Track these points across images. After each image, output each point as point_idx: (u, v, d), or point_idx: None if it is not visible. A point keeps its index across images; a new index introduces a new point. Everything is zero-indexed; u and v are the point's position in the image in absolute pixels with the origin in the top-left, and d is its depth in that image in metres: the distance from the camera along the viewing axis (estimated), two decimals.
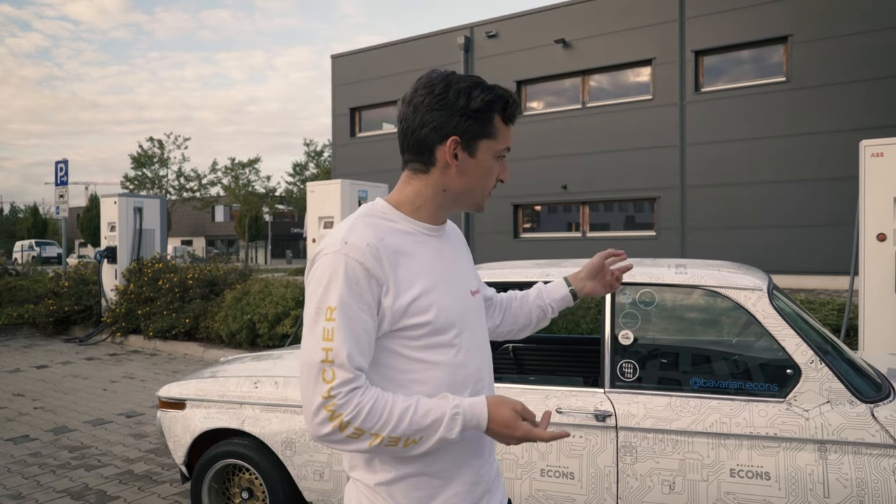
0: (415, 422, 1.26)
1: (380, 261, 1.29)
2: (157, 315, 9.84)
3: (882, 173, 4.75)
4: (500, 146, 1.40)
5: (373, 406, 1.25)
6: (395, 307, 1.29)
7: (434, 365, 1.35)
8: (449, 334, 1.36)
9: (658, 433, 2.61)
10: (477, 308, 1.49)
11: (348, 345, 1.25)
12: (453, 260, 1.46)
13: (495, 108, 1.37)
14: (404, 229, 1.38)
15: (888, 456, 2.33)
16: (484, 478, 1.45)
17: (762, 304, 2.62)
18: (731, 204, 15.66)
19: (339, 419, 1.23)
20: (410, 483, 1.36)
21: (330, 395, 1.23)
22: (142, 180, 46.04)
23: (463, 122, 1.35)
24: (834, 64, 14.51)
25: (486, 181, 1.42)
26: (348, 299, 1.26)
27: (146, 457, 4.85)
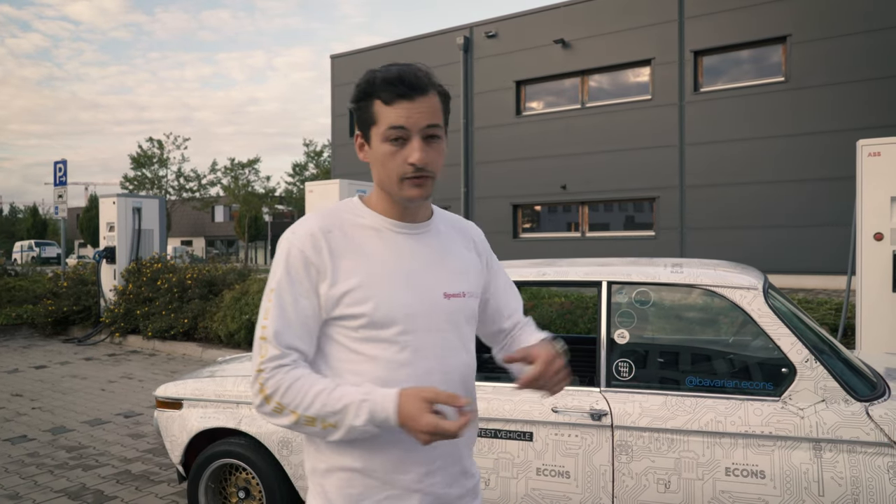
0: (327, 404, 1.28)
1: (319, 250, 1.34)
2: (156, 315, 9.84)
3: (879, 173, 4.75)
4: (382, 128, 1.33)
5: (292, 384, 1.30)
6: (329, 294, 1.33)
7: (371, 358, 1.35)
8: (389, 330, 1.35)
9: (653, 432, 2.61)
10: (450, 311, 1.42)
11: (277, 323, 1.33)
12: (428, 259, 1.42)
13: (368, 93, 1.35)
14: (369, 224, 1.41)
15: (883, 454, 2.33)
16: (430, 489, 1.39)
17: (757, 303, 2.63)
18: (730, 204, 15.67)
19: (264, 392, 1.30)
20: (342, 478, 1.37)
21: (260, 370, 1.32)
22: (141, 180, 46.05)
23: (357, 118, 1.40)
24: (833, 64, 14.52)
25: (386, 169, 1.35)
26: (284, 283, 1.34)
27: (144, 457, 4.85)
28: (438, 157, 1.38)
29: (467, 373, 1.46)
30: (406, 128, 1.32)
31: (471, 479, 1.48)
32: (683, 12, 16.44)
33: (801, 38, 14.94)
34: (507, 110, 19.26)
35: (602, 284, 2.88)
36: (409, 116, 1.31)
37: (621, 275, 2.88)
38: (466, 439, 1.47)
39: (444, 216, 1.55)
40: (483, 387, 2.93)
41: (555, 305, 6.90)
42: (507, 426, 2.82)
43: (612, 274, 2.90)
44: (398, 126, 1.31)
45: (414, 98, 1.32)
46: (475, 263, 1.53)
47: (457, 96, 20.00)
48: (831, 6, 14.57)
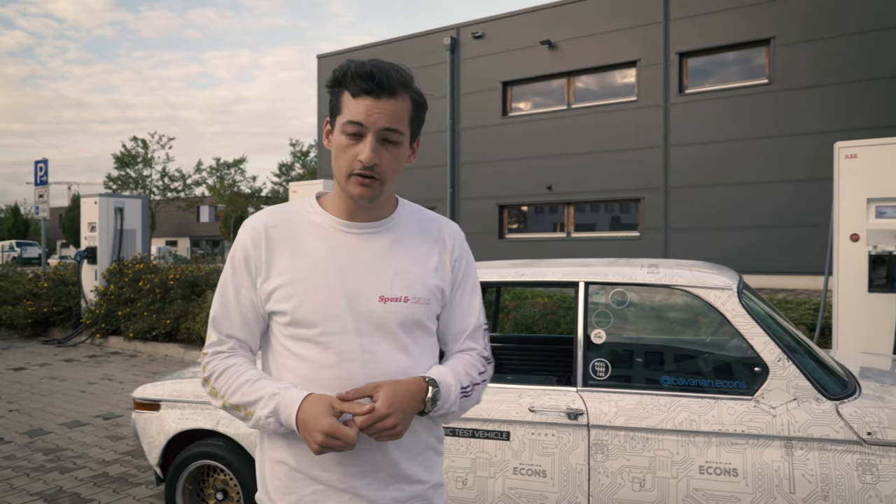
0: (247, 394, 1.35)
1: (258, 245, 1.39)
2: (138, 316, 9.77)
3: (856, 175, 4.80)
4: (343, 119, 1.32)
5: (224, 371, 1.39)
6: (262, 288, 1.39)
7: (297, 356, 1.38)
8: (312, 330, 1.35)
9: (629, 431, 2.63)
10: (384, 314, 1.36)
11: (217, 311, 1.43)
12: (369, 260, 1.38)
13: (340, 82, 1.33)
14: (316, 221, 1.42)
15: (852, 452, 2.36)
16: (361, 491, 1.36)
17: (731, 303, 2.65)
18: (713, 205, 15.77)
19: (204, 374, 1.42)
20: (275, 470, 1.41)
21: (204, 353, 1.44)
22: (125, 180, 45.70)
23: (329, 103, 1.40)
24: (814, 66, 14.66)
25: (339, 161, 1.34)
26: (228, 273, 1.43)
27: (122, 459, 4.82)
28: (393, 161, 1.34)
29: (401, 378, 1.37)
30: (363, 125, 1.29)
31: (416, 485, 1.42)
32: (668, 14, 16.54)
33: (784, 41, 15.08)
34: (493, 111, 19.29)
35: (580, 285, 2.90)
36: (368, 114, 1.29)
37: (598, 275, 2.90)
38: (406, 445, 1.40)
39: (417, 217, 1.50)
40: None
41: (537, 305, 6.92)
42: (485, 426, 2.82)
43: (589, 274, 2.91)
44: (356, 122, 1.30)
45: (379, 97, 1.30)
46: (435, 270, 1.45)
47: (443, 97, 20.01)
48: (814, 9, 14.71)
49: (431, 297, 1.43)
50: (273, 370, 1.42)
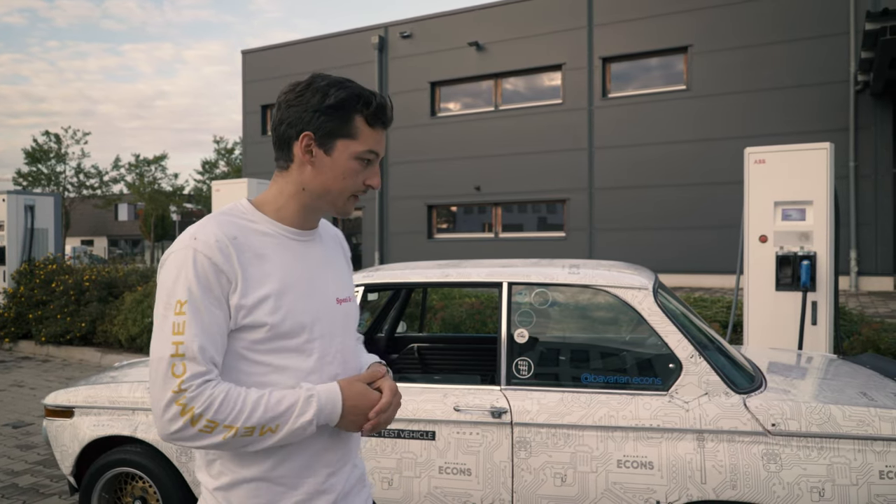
0: (269, 408, 1.26)
1: (228, 257, 1.28)
2: (51, 319, 9.32)
3: (764, 179, 5.06)
4: (361, 148, 1.37)
5: (226, 397, 1.24)
6: (239, 304, 1.28)
7: (278, 369, 1.33)
8: (298, 339, 1.35)
9: (551, 428, 2.70)
10: (343, 316, 1.46)
11: (199, 338, 1.24)
12: (320, 265, 1.45)
13: (352, 106, 1.36)
14: (263, 230, 1.38)
15: (758, 443, 2.50)
16: (334, 487, 1.41)
17: (647, 302, 2.76)
18: (635, 206, 16.29)
19: (190, 413, 1.21)
20: (249, 489, 1.34)
21: (181, 390, 1.21)
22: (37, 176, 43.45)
23: (316, 119, 1.35)
24: (728, 74, 15.33)
25: (344, 182, 1.39)
26: (198, 292, 1.25)
27: (33, 469, 4.60)
28: None
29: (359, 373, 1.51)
30: (377, 154, 1.41)
31: (357, 470, 1.53)
32: (592, 20, 16.97)
33: (700, 49, 15.71)
34: (421, 111, 19.33)
35: (503, 285, 2.95)
36: (381, 144, 1.41)
37: (521, 276, 2.96)
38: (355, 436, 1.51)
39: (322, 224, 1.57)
40: None
41: (465, 305, 6.99)
42: (411, 426, 2.84)
43: (512, 275, 2.97)
44: (374, 151, 1.39)
45: (386, 129, 1.43)
46: (350, 272, 1.59)
47: None
48: (728, 19, 15.39)
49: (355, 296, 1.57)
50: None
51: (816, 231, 4.96)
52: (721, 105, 15.43)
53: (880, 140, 13.88)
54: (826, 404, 2.51)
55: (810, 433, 2.46)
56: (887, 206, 13.83)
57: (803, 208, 5.01)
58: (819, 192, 4.94)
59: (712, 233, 15.20)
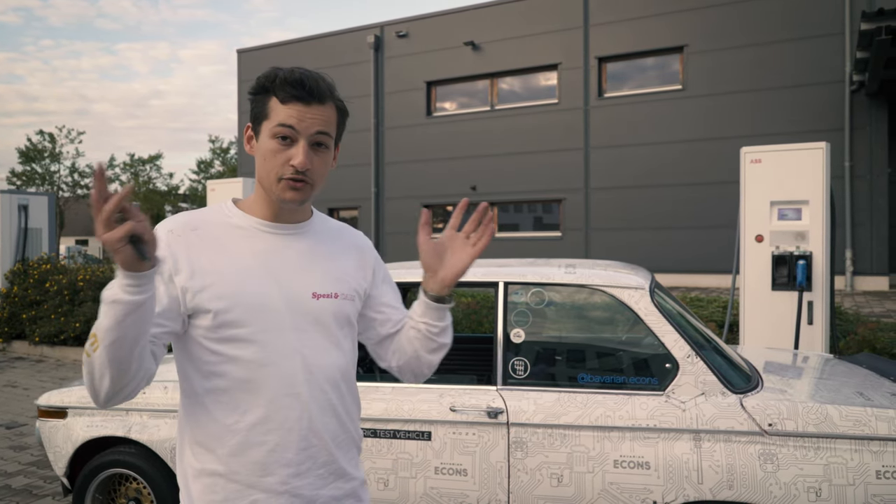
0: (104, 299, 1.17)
1: (171, 246, 1.32)
2: (45, 319, 9.27)
3: (760, 179, 5.06)
4: (273, 123, 1.34)
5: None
6: (185, 286, 1.31)
7: (230, 359, 1.33)
8: (246, 329, 1.33)
9: (547, 428, 2.69)
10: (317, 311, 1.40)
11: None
12: (298, 259, 1.42)
13: (265, 87, 1.36)
14: (236, 223, 1.41)
15: (754, 442, 2.49)
16: (302, 491, 1.36)
17: (644, 302, 2.75)
18: (631, 206, 16.29)
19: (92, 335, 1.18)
20: (206, 483, 1.34)
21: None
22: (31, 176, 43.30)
23: (251, 110, 1.41)
24: (724, 74, 15.35)
25: (267, 164, 1.36)
26: None
27: (27, 470, 4.57)
28: (322, 166, 1.39)
29: (336, 375, 1.42)
30: (296, 129, 1.33)
31: (350, 482, 1.45)
32: (588, 20, 16.97)
33: (696, 49, 15.73)
34: (417, 111, 19.31)
35: (499, 285, 2.94)
36: (301, 119, 1.33)
37: (517, 275, 2.95)
38: (340, 440, 1.43)
39: (328, 223, 1.55)
40: (382, 388, 2.93)
41: (461, 305, 6.98)
42: (406, 426, 2.83)
43: (508, 275, 2.96)
44: (288, 125, 1.33)
45: (310, 103, 1.34)
46: (355, 270, 1.51)
47: (367, 96, 19.88)
48: (724, 19, 15.41)
49: (355, 295, 1.49)
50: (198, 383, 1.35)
51: (812, 231, 4.96)
52: (716, 105, 15.44)
53: (875, 140, 13.91)
54: (823, 404, 2.50)
55: (807, 433, 2.45)
56: (882, 206, 13.86)
57: (799, 208, 5.01)
58: (815, 192, 4.94)
59: (708, 233, 15.22)
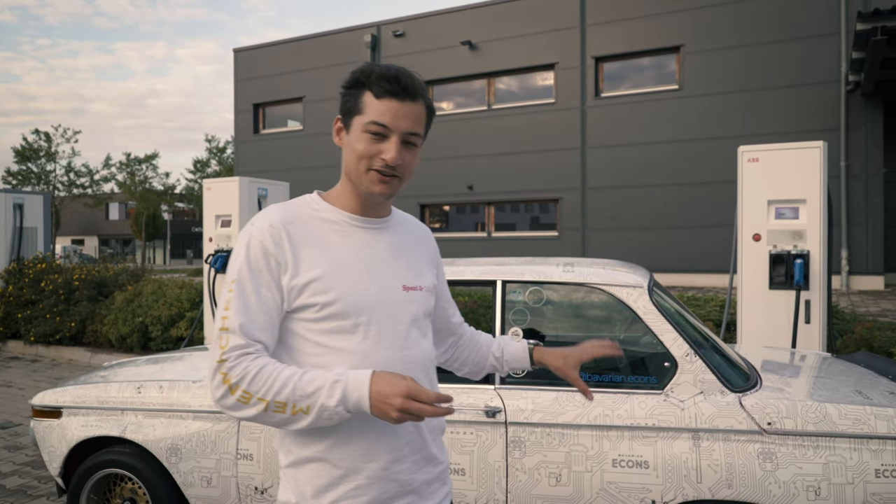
0: (298, 388, 1.29)
1: (279, 241, 1.36)
2: (40, 319, 9.24)
3: (757, 178, 5.06)
4: (365, 119, 1.38)
5: (260, 371, 1.30)
6: (291, 285, 1.36)
7: (335, 350, 1.38)
8: (351, 320, 1.38)
9: (545, 427, 2.68)
10: (407, 303, 1.47)
11: (241, 315, 1.33)
12: (388, 252, 1.48)
13: (360, 81, 1.39)
14: (327, 217, 1.45)
15: (753, 441, 2.48)
16: (399, 476, 1.42)
17: (642, 300, 2.74)
18: (628, 205, 16.30)
19: (228, 382, 1.30)
20: (312, 469, 1.39)
21: (222, 359, 1.31)
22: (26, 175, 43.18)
23: (342, 103, 1.43)
24: (720, 74, 15.37)
25: (357, 156, 1.40)
26: (245, 274, 1.36)
27: (21, 470, 4.54)
28: (411, 162, 1.44)
29: (428, 364, 1.51)
30: (389, 126, 1.37)
31: (438, 466, 1.52)
32: (585, 20, 16.97)
33: (692, 49, 15.74)
34: None
35: (497, 283, 2.93)
36: (394, 116, 1.37)
37: (515, 274, 2.93)
38: (432, 426, 1.50)
39: (403, 217, 1.61)
40: None
41: (458, 304, 6.96)
42: None
43: (506, 273, 2.95)
44: (382, 123, 1.37)
45: (403, 100, 1.38)
46: (429, 264, 1.60)
47: None
48: (720, 19, 15.42)
49: (433, 288, 1.57)
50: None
51: (810, 230, 4.95)
52: (713, 105, 15.46)
53: (871, 140, 13.94)
54: (821, 403, 2.49)
55: (806, 432, 2.44)
56: (878, 206, 13.89)
57: (797, 207, 5.01)
58: (812, 191, 4.94)
59: (705, 232, 15.23)
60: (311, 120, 20.94)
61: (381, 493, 1.39)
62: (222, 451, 2.98)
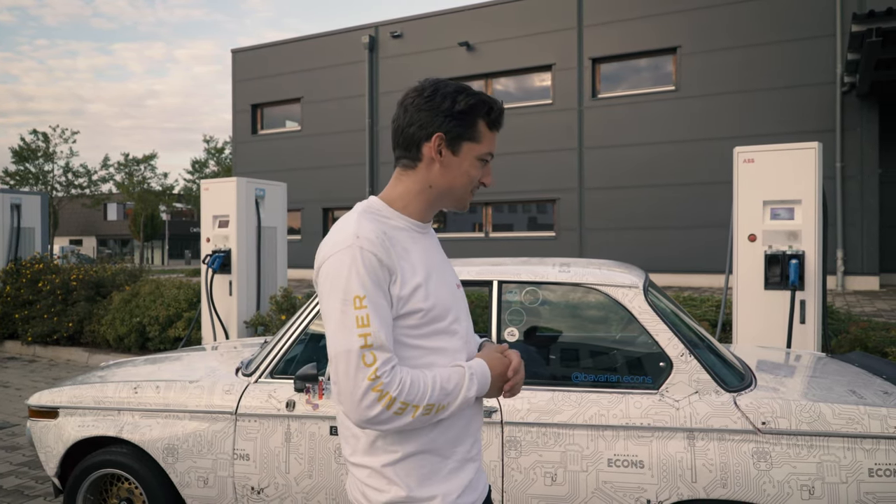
0: (443, 388, 1.40)
1: (388, 252, 1.41)
2: (37, 319, 9.23)
3: (753, 178, 5.07)
4: (483, 150, 1.51)
5: (412, 380, 1.37)
6: (399, 295, 1.41)
7: (435, 350, 1.46)
8: (445, 321, 1.48)
9: (541, 427, 2.69)
10: (462, 299, 1.60)
11: (384, 329, 1.37)
12: (439, 255, 1.58)
13: (479, 112, 1.49)
14: (398, 225, 1.50)
15: (748, 441, 2.49)
16: (476, 456, 1.55)
17: (638, 300, 2.75)
18: (625, 206, 16.32)
19: (387, 397, 1.33)
20: (415, 461, 1.44)
21: (376, 377, 1.33)
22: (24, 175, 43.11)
23: (447, 122, 1.47)
24: (716, 75, 15.39)
25: (467, 180, 1.52)
26: (372, 287, 1.37)
27: (18, 470, 4.54)
28: None
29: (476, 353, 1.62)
30: (493, 155, 1.55)
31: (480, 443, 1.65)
32: (582, 21, 16.99)
33: (689, 50, 15.77)
34: None
35: (493, 284, 2.94)
36: (495, 146, 1.55)
37: (511, 274, 2.95)
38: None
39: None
40: None
41: None
42: None
43: (502, 273, 2.96)
44: (492, 153, 1.54)
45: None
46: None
47: (362, 96, 19.87)
48: (715, 21, 15.45)
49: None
50: None
51: (805, 230, 4.97)
52: (709, 106, 15.49)
53: (866, 141, 13.97)
54: (815, 402, 2.51)
55: (800, 431, 2.46)
56: (873, 207, 13.93)
57: (792, 207, 5.03)
58: (807, 192, 4.96)
59: (701, 232, 15.26)
60: (309, 120, 20.93)
61: (469, 472, 1.50)
62: (219, 452, 2.98)
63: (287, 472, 2.89)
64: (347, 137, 20.15)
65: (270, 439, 2.92)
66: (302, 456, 2.87)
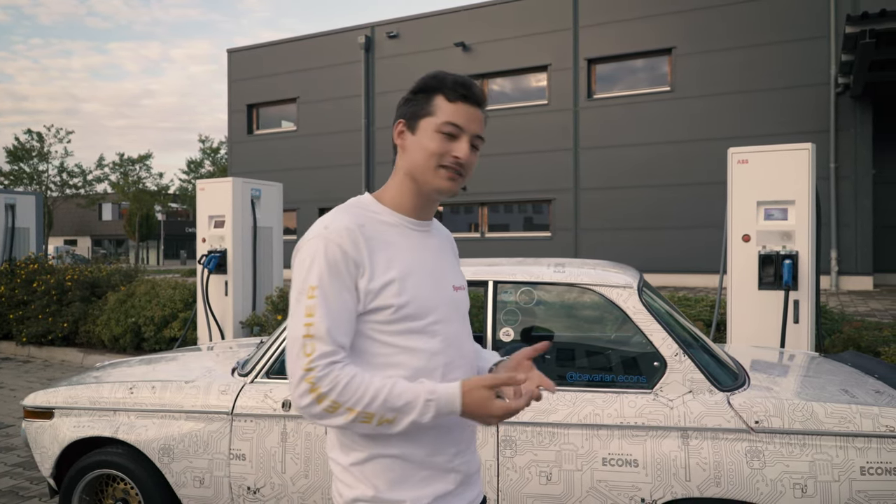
0: (388, 401, 1.33)
1: (357, 244, 1.38)
2: (32, 319, 9.21)
3: (747, 179, 5.10)
4: (439, 120, 1.44)
5: (350, 381, 1.32)
6: (369, 287, 1.38)
7: (407, 350, 1.42)
8: (423, 321, 1.43)
9: (536, 426, 2.70)
10: (459, 302, 1.55)
11: (327, 320, 1.34)
12: (438, 254, 1.55)
13: (430, 87, 1.46)
14: (386, 220, 1.48)
15: (741, 440, 2.51)
16: (460, 468, 1.49)
17: (632, 300, 2.76)
18: (620, 206, 16.36)
19: (317, 391, 1.31)
20: (382, 464, 1.42)
21: (310, 368, 1.32)
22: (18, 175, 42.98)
23: (406, 107, 1.49)
24: (711, 76, 15.44)
25: (427, 154, 1.45)
26: (327, 278, 1.36)
27: (13, 471, 4.54)
28: (475, 162, 1.51)
29: (473, 360, 1.58)
30: (461, 127, 1.45)
31: (475, 456, 1.60)
32: (578, 21, 17.03)
33: (684, 51, 15.81)
34: None
35: (488, 284, 2.95)
36: (466, 119, 1.45)
37: (506, 274, 2.96)
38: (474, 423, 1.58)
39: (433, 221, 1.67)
40: None
41: None
42: None
43: (497, 274, 2.97)
44: (455, 123, 1.44)
45: (473, 105, 1.46)
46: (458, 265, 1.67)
47: (358, 96, 19.87)
48: (711, 22, 15.50)
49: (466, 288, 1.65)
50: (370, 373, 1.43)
51: (798, 230, 5.00)
52: (704, 106, 15.54)
53: (860, 141, 14.04)
54: (808, 401, 2.53)
55: (793, 430, 2.47)
56: (867, 207, 13.99)
57: (785, 208, 5.05)
58: (801, 192, 4.98)
59: (697, 233, 15.30)
60: (305, 120, 20.93)
61: (447, 483, 1.46)
62: (215, 452, 2.99)
63: (283, 471, 2.90)
64: (343, 138, 20.15)
65: (266, 439, 2.92)
66: (298, 456, 2.88)
